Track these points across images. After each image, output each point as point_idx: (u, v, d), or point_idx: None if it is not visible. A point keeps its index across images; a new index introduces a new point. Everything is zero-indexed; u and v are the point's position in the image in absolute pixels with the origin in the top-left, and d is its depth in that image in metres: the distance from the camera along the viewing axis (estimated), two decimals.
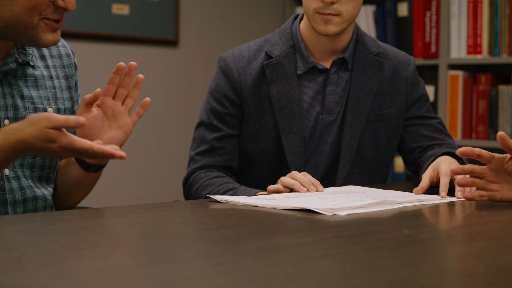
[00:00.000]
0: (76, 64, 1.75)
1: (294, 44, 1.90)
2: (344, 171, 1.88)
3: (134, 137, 3.36)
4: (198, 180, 1.90)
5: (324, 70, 1.90)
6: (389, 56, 1.95)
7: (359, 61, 1.90)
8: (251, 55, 1.91)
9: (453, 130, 3.30)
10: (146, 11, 3.31)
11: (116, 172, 3.29)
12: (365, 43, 1.93)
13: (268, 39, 1.94)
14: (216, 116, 1.91)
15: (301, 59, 1.90)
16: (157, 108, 3.41)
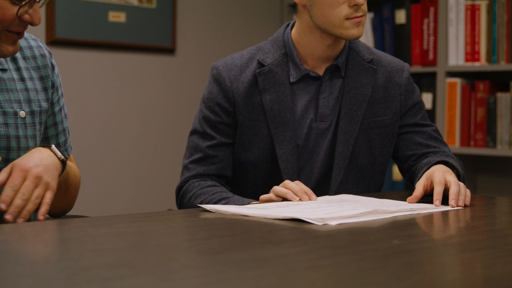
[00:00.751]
0: (54, 64, 1.72)
1: (286, 52, 1.89)
2: (337, 179, 1.86)
3: (130, 145, 3.36)
4: (191, 189, 1.88)
5: (317, 77, 1.89)
6: (383, 62, 1.94)
7: (352, 68, 1.89)
8: (243, 63, 1.90)
9: (451, 138, 3.29)
10: (143, 18, 3.30)
11: (110, 179, 3.27)
12: (358, 50, 1.92)
13: (261, 47, 1.93)
14: (209, 125, 1.90)
15: (294, 67, 1.88)
16: (154, 117, 3.40)
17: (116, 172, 3.29)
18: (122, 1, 3.23)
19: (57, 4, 3.03)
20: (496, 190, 3.38)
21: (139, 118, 3.35)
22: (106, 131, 3.25)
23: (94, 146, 3.22)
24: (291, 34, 1.91)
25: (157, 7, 3.34)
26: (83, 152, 3.17)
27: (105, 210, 3.21)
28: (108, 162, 3.26)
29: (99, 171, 3.23)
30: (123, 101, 3.30)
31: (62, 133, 1.76)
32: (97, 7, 3.15)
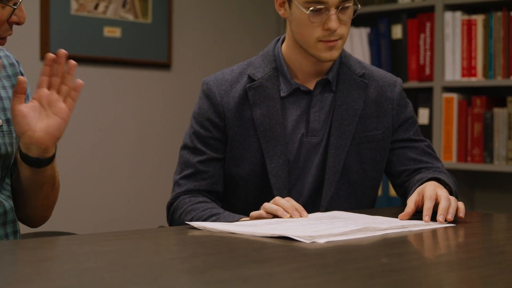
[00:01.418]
0: (23, 73, 1.72)
1: (277, 67, 1.88)
2: (328, 194, 1.84)
3: (125, 161, 3.33)
4: (182, 205, 1.86)
5: (308, 91, 1.87)
6: (374, 77, 1.92)
7: (343, 82, 1.88)
8: (234, 78, 1.89)
9: (448, 153, 3.27)
10: (138, 34, 3.29)
11: (103, 195, 3.25)
12: (349, 64, 1.90)
13: (251, 62, 1.92)
14: (199, 140, 1.88)
15: (284, 81, 1.87)
16: (150, 132, 3.38)
17: (110, 188, 3.27)
18: (118, 16, 3.22)
19: (52, 19, 3.02)
20: (494, 206, 3.36)
21: (135, 134, 3.34)
22: (100, 147, 3.23)
23: (89, 161, 3.20)
24: (282, 49, 1.89)
25: (153, 22, 3.33)
26: (77, 167, 3.15)
27: (96, 227, 3.19)
28: (102, 178, 3.24)
29: (93, 186, 3.21)
30: (119, 116, 3.29)
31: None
32: (92, 22, 3.15)
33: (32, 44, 3.02)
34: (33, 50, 3.03)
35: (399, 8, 3.43)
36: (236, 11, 3.66)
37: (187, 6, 3.48)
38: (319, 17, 1.77)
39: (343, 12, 1.78)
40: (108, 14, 3.19)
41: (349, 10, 1.79)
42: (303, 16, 1.77)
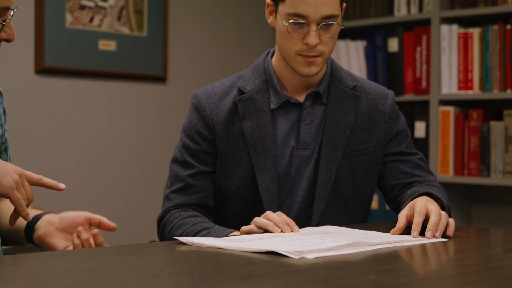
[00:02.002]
0: (1, 91, 1.71)
1: (267, 79, 1.86)
2: (319, 208, 1.82)
3: (119, 175, 3.31)
4: (172, 219, 1.85)
5: (298, 104, 1.86)
6: (366, 89, 1.91)
7: (334, 95, 1.86)
8: (223, 91, 1.87)
9: (444, 167, 3.25)
10: (133, 47, 3.28)
11: (97, 209, 3.23)
12: (340, 76, 1.89)
13: (241, 75, 1.90)
14: (189, 153, 1.87)
15: (274, 93, 1.85)
16: (146, 145, 3.37)
17: (103, 201, 3.25)
18: (113, 29, 3.22)
19: (46, 32, 3.01)
20: (491, 220, 3.34)
21: (130, 148, 3.32)
22: (95, 161, 3.22)
23: (83, 175, 3.18)
24: (272, 61, 1.88)
25: (148, 35, 3.33)
26: (71, 180, 3.13)
27: None
28: (95, 191, 3.22)
29: (86, 199, 3.19)
30: (114, 130, 3.27)
31: (10, 159, 1.75)
32: (87, 35, 3.14)
33: (27, 57, 3.01)
34: (27, 63, 3.02)
35: (395, 21, 3.42)
36: (232, 24, 3.65)
37: (183, 19, 3.47)
38: (300, 31, 1.75)
39: (325, 30, 1.75)
40: (103, 27, 3.18)
41: (333, 28, 1.77)
42: (284, 28, 1.76)
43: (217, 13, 3.60)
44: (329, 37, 1.77)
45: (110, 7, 3.20)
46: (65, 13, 3.07)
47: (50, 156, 3.07)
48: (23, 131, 2.99)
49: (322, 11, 1.73)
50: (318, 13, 1.73)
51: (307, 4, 1.73)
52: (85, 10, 3.13)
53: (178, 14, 3.45)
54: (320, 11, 1.73)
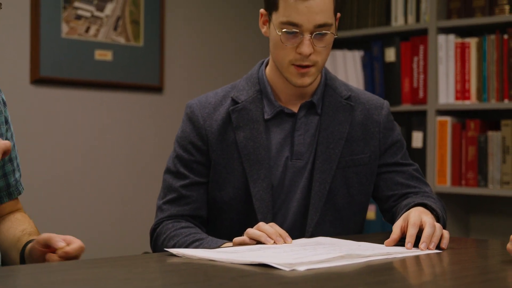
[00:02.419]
0: (4, 101, 1.70)
1: (261, 89, 1.85)
2: (313, 219, 1.81)
3: (115, 186, 3.28)
4: (165, 231, 1.83)
5: (292, 114, 1.84)
6: (361, 100, 1.89)
7: (328, 105, 1.85)
8: (217, 101, 1.86)
9: (442, 177, 3.23)
10: (130, 57, 3.27)
11: (92, 219, 3.21)
12: (334, 86, 1.87)
13: (235, 85, 1.89)
14: (182, 164, 1.85)
15: (268, 103, 1.84)
16: (141, 157, 3.35)
17: (98, 212, 3.23)
18: (109, 39, 3.21)
19: (42, 42, 3.01)
20: (489, 230, 3.32)
21: (126, 158, 3.31)
22: (90, 171, 3.20)
23: (78, 185, 3.16)
24: (266, 71, 1.87)
25: (145, 45, 3.32)
26: (66, 191, 3.11)
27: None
28: (90, 202, 3.21)
29: (81, 210, 3.17)
30: (110, 141, 3.26)
31: (17, 168, 1.74)
32: (83, 45, 3.13)
33: (22, 67, 3.00)
34: (23, 73, 3.01)
35: (392, 31, 3.41)
36: (229, 34, 3.64)
37: (179, 29, 3.47)
38: (293, 40, 1.74)
39: (318, 39, 1.74)
40: (99, 38, 3.17)
41: (326, 38, 1.76)
42: (278, 37, 1.75)
43: (214, 23, 3.59)
44: (322, 46, 1.76)
45: (106, 17, 3.19)
46: (61, 23, 3.06)
47: (46, 166, 3.05)
48: (18, 141, 2.97)
49: (315, 20, 1.72)
50: (312, 21, 1.72)
51: (300, 13, 1.72)
52: (81, 20, 3.12)
53: (175, 24, 3.45)
54: (313, 19, 1.72)
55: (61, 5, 3.05)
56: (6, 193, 1.69)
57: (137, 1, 3.28)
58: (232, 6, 3.64)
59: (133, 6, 3.27)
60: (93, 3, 3.15)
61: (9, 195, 1.70)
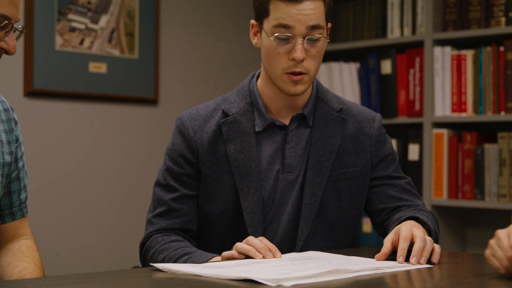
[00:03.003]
0: (16, 120, 1.68)
1: (252, 101, 1.83)
2: (304, 233, 1.78)
3: (110, 199, 3.24)
4: (154, 244, 1.81)
5: (283, 126, 1.82)
6: (352, 112, 1.87)
7: (320, 118, 1.83)
8: (208, 113, 1.85)
9: (438, 190, 3.21)
10: (124, 69, 3.26)
11: (83, 231, 3.18)
12: (326, 99, 1.86)
13: (226, 97, 1.88)
14: (172, 177, 1.83)
15: (259, 116, 1.82)
16: (136, 169, 3.33)
17: (94, 223, 3.20)
18: (104, 51, 3.20)
19: (36, 54, 2.99)
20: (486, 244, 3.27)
21: (121, 171, 3.28)
22: (85, 184, 3.18)
23: (71, 199, 3.14)
24: (257, 83, 1.85)
25: (140, 57, 3.31)
26: (59, 204, 3.09)
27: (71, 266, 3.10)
28: (84, 215, 3.18)
29: (74, 223, 3.15)
30: (104, 153, 3.24)
31: (23, 189, 1.70)
32: (77, 57, 3.12)
33: (16, 80, 2.99)
34: (16, 86, 2.99)
35: (388, 43, 3.40)
36: (224, 47, 3.63)
37: (174, 41, 3.45)
38: (285, 46, 1.73)
39: (311, 44, 1.73)
40: (93, 50, 3.16)
41: (319, 43, 1.74)
42: (270, 44, 1.74)
43: (209, 36, 3.58)
44: (315, 52, 1.74)
45: (100, 29, 3.18)
46: (55, 36, 3.05)
47: (40, 179, 3.03)
48: None
49: (307, 21, 1.71)
50: (304, 23, 1.71)
51: (292, 15, 1.71)
52: (75, 33, 3.11)
53: (170, 37, 3.43)
54: (305, 21, 1.71)
55: (55, 17, 3.04)
56: (9, 212, 1.66)
57: (132, 14, 3.27)
58: (228, 19, 3.63)
59: (128, 18, 3.26)
60: (87, 16, 3.14)
61: (12, 215, 1.66)
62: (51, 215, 3.06)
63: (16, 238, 1.67)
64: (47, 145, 3.07)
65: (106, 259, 3.21)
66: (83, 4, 3.12)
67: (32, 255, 1.63)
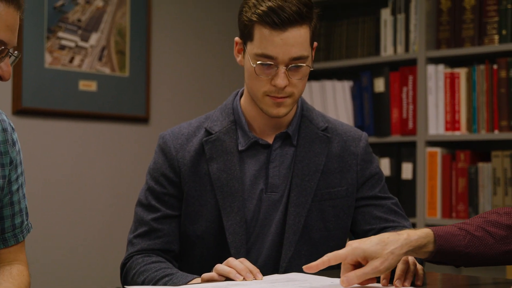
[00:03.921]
0: (15, 140, 1.61)
1: (235, 120, 1.80)
2: (288, 254, 1.74)
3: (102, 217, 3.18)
4: (135, 265, 1.77)
5: (267, 145, 1.79)
6: (338, 131, 1.84)
7: (304, 137, 1.80)
8: (190, 132, 1.81)
9: (432, 209, 3.17)
10: (115, 87, 3.23)
11: (74, 251, 3.14)
12: (311, 117, 1.82)
13: (209, 115, 1.85)
14: (154, 196, 1.80)
15: (243, 134, 1.79)
16: (128, 189, 3.29)
17: (84, 242, 3.16)
18: (94, 69, 3.17)
19: (25, 72, 2.97)
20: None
21: (112, 191, 3.25)
22: (75, 205, 3.14)
23: (61, 220, 3.10)
24: (240, 101, 1.82)
25: (130, 75, 3.28)
26: (48, 225, 3.05)
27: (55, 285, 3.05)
28: (74, 234, 3.14)
29: (65, 241, 3.11)
30: (95, 173, 3.20)
31: (18, 214, 1.63)
32: (67, 75, 3.09)
33: (4, 98, 2.96)
34: (5, 104, 2.96)
35: (382, 61, 3.37)
36: (215, 65, 3.61)
37: (166, 59, 3.43)
38: (268, 72, 1.69)
39: (294, 71, 1.69)
40: (83, 68, 3.14)
41: (302, 70, 1.70)
42: (252, 68, 1.71)
43: (201, 54, 3.56)
44: (298, 78, 1.71)
45: (91, 47, 3.16)
46: (44, 53, 3.03)
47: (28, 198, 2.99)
48: None
49: (291, 52, 1.68)
50: (287, 54, 1.67)
51: (276, 45, 1.67)
52: (65, 50, 3.09)
53: (161, 55, 3.41)
54: (288, 52, 1.67)
55: (44, 35, 3.02)
56: (1, 238, 1.59)
57: (123, 32, 3.25)
58: (220, 37, 3.61)
59: (119, 36, 3.24)
60: (77, 33, 3.12)
61: (4, 242, 1.59)
62: (40, 235, 3.02)
63: (8, 262, 1.61)
64: (36, 165, 3.03)
65: (93, 278, 3.17)
66: (73, 22, 3.10)
67: (20, 279, 1.58)
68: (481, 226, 1.47)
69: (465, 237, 1.45)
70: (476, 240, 1.45)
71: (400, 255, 1.40)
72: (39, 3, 3.00)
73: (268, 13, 1.66)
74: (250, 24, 1.69)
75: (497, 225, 1.47)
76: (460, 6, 3.17)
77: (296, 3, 1.66)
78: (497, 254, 1.46)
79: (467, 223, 1.49)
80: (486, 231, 1.46)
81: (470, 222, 1.49)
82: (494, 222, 1.48)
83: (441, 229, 1.46)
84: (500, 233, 1.46)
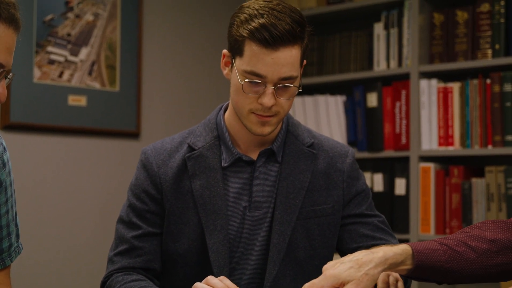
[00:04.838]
0: (5, 161, 1.56)
1: (218, 135, 1.76)
2: (272, 273, 1.70)
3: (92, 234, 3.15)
4: (115, 283, 1.73)
5: (251, 162, 1.75)
6: (324, 147, 1.80)
7: (289, 153, 1.76)
8: (173, 147, 1.78)
9: (425, 226, 3.13)
10: (105, 102, 3.20)
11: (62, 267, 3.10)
12: (297, 133, 1.79)
13: (193, 130, 1.81)
14: (135, 213, 1.76)
15: (226, 150, 1.75)
16: (118, 204, 3.26)
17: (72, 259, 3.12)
18: (83, 84, 3.14)
19: (13, 86, 2.94)
20: None
21: (102, 207, 3.21)
22: (65, 221, 3.10)
23: (50, 236, 3.06)
24: (224, 116, 1.79)
25: (121, 90, 3.26)
26: (37, 241, 3.01)
27: None
28: (64, 250, 3.10)
29: (53, 257, 3.07)
30: (85, 188, 3.17)
31: (6, 237, 1.58)
32: (56, 90, 3.06)
33: None
34: None
35: (374, 75, 3.34)
36: (207, 79, 3.58)
37: (156, 74, 3.40)
38: (255, 89, 1.65)
39: (282, 91, 1.65)
40: (73, 83, 3.11)
41: (290, 90, 1.66)
42: (239, 84, 1.67)
43: (192, 68, 3.53)
44: (285, 98, 1.67)
45: (80, 62, 3.13)
46: (33, 68, 3.00)
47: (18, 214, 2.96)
48: None
49: (280, 72, 1.64)
50: (277, 74, 1.63)
51: (266, 64, 1.63)
52: (54, 65, 3.06)
53: (152, 69, 3.38)
54: (278, 72, 1.63)
55: (33, 49, 3.00)
56: None
57: (113, 46, 3.22)
58: (212, 51, 3.59)
59: (109, 51, 3.21)
60: (67, 48, 3.09)
61: None
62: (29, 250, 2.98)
63: None
64: (24, 180, 3.00)
65: None
66: (62, 36, 3.08)
67: None
68: (463, 240, 1.43)
69: (446, 252, 1.41)
70: (457, 255, 1.41)
71: (375, 274, 1.36)
72: (28, 17, 2.97)
73: (260, 30, 1.62)
74: (241, 40, 1.65)
75: (479, 239, 1.43)
76: (453, 20, 3.15)
77: (290, 22, 1.62)
78: (480, 268, 1.42)
79: (448, 238, 1.46)
80: (468, 245, 1.42)
81: (452, 237, 1.45)
82: (476, 236, 1.44)
83: (421, 244, 1.43)
84: (483, 247, 1.42)
